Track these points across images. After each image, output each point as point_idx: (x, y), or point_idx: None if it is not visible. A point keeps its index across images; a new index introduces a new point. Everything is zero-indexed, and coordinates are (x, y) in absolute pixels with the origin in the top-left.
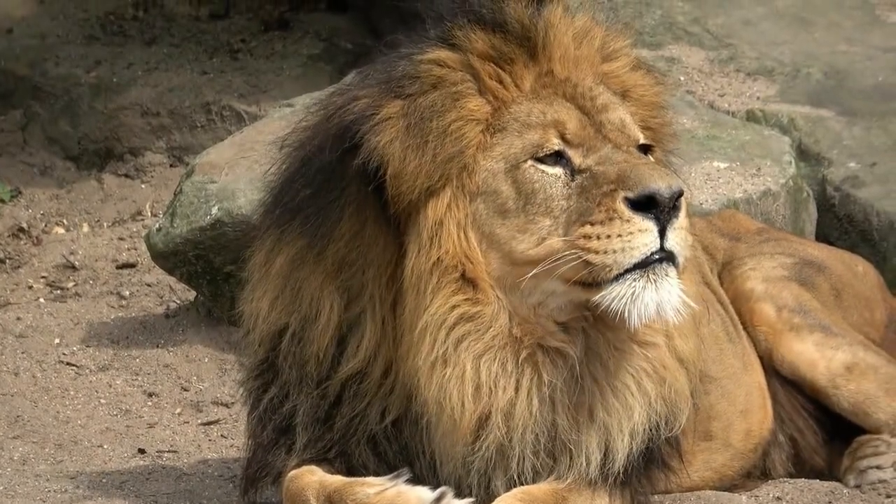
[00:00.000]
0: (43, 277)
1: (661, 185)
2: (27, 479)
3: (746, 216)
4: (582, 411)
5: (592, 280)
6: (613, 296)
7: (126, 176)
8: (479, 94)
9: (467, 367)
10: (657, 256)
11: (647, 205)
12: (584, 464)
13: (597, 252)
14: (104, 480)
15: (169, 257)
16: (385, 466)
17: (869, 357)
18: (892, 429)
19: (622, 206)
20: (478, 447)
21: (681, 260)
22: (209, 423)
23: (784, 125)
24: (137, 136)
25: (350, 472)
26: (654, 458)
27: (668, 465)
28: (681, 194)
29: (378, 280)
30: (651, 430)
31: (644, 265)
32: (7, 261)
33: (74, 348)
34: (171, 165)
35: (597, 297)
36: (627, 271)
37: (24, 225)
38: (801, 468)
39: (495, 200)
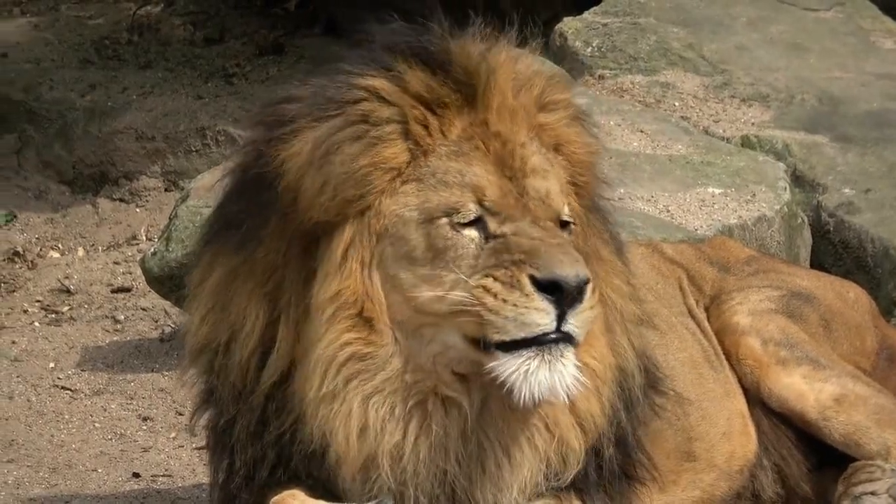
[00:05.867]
0: (38, 301)
1: (569, 272)
2: (21, 503)
3: (737, 243)
4: (474, 461)
5: (483, 334)
6: (506, 369)
7: (121, 200)
8: (400, 138)
9: (354, 406)
10: (554, 336)
11: (550, 288)
12: None
13: (490, 310)
14: None
15: (164, 281)
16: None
17: (858, 388)
18: (885, 458)
19: (526, 281)
20: (368, 488)
21: (579, 339)
22: (204, 448)
23: (779, 151)
24: (132, 160)
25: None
26: (612, 472)
27: (630, 477)
28: (587, 282)
29: (296, 284)
30: (544, 481)
31: (540, 343)
32: (2, 284)
33: (69, 372)
34: (165, 190)
35: (490, 364)
36: (522, 345)
37: (19, 249)
38: (789, 493)
39: (403, 247)
